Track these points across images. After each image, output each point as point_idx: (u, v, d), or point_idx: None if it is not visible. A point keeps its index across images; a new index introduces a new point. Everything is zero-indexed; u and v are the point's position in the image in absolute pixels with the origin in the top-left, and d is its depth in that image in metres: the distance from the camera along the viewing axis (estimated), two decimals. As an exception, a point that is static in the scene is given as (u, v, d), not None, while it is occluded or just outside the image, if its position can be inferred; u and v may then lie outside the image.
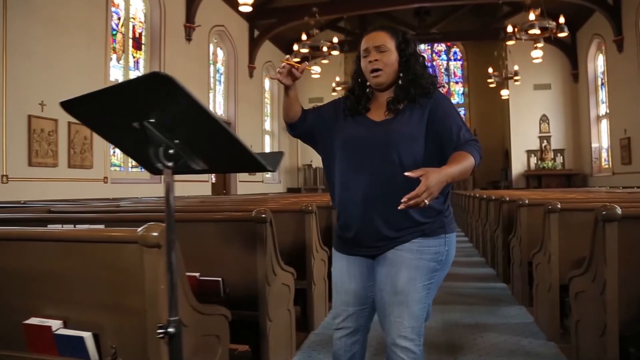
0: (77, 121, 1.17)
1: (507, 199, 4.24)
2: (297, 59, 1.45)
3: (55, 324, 1.51)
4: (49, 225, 2.59)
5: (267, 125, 16.50)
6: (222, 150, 1.02)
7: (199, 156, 1.08)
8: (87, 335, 1.46)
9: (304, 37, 10.77)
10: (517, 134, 15.73)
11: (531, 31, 8.62)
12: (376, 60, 1.52)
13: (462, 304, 3.65)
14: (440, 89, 1.57)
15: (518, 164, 15.82)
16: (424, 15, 16.17)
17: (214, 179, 12.78)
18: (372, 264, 1.58)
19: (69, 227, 2.55)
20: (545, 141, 15.56)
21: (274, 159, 1.07)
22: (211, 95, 12.87)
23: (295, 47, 11.01)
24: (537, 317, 3.06)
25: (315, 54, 11.11)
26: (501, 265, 4.41)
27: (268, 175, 17.15)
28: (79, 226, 2.55)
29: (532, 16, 8.64)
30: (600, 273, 1.91)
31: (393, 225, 1.49)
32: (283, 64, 1.52)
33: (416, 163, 1.39)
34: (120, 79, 9.58)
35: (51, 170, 7.51)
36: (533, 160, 15.62)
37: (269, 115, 16.68)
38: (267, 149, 17.15)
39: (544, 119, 15.56)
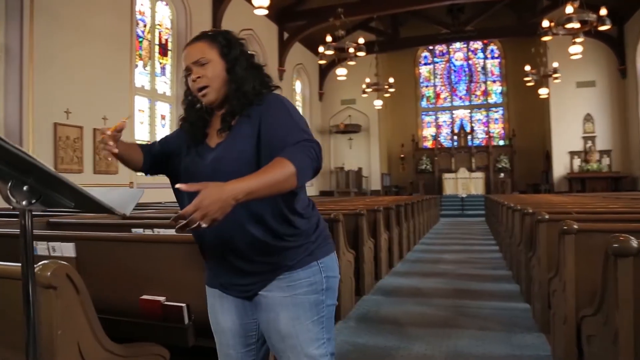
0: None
1: (530, 210, 3.85)
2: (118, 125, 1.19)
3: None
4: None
5: (297, 129, 16.34)
6: (65, 189, 0.82)
7: (61, 193, 0.89)
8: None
9: (328, 38, 10.55)
10: (559, 134, 14.88)
11: (569, 25, 8.02)
12: (199, 77, 1.29)
13: (474, 328, 3.32)
14: (275, 91, 1.34)
15: (560, 166, 14.96)
16: (457, 12, 15.61)
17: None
18: (248, 303, 1.38)
19: (42, 245, 2.46)
20: (589, 142, 14.63)
21: (128, 201, 0.86)
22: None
23: (321, 49, 10.81)
24: (554, 351, 2.70)
25: (340, 55, 10.87)
26: (524, 282, 4.02)
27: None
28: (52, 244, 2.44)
29: (569, 9, 8.04)
30: (612, 317, 1.58)
31: (247, 257, 1.28)
32: (104, 139, 1.22)
33: None
34: (147, 86, 9.68)
35: (76, 177, 7.64)
36: (576, 162, 14.72)
37: (299, 118, 16.53)
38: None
39: (588, 118, 14.63)
